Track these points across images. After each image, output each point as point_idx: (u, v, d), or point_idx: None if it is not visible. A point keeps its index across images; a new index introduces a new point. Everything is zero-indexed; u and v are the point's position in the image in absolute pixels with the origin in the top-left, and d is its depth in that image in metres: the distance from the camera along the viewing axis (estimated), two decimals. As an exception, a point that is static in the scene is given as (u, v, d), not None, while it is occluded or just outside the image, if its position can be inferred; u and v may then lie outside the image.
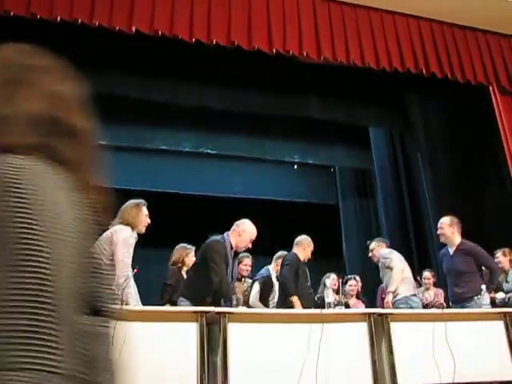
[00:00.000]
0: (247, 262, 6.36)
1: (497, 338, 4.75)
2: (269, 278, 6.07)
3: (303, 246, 5.67)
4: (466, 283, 5.36)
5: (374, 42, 7.16)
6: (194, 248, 5.72)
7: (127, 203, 4.59)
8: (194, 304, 4.44)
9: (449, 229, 5.55)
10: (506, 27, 7.85)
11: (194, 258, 5.66)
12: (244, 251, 5.62)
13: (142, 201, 4.62)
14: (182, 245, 5.76)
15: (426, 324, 4.59)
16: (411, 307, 5.34)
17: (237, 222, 5.06)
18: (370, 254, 5.95)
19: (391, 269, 5.50)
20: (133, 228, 4.44)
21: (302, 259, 5.62)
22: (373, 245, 5.94)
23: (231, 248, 4.90)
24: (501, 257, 6.06)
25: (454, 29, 7.71)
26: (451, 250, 5.55)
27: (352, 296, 6.65)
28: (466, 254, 5.39)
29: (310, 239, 5.75)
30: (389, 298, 5.38)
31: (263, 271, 6.23)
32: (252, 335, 4.12)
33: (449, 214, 6.04)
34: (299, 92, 7.94)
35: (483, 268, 5.87)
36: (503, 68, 7.71)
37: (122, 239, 4.31)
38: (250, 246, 5.04)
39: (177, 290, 5.24)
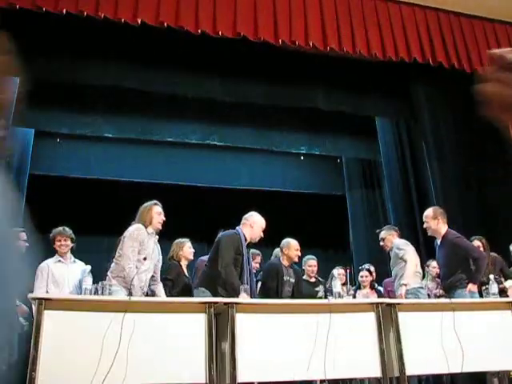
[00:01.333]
0: (258, 259, 6.45)
1: (505, 327, 4.74)
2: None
3: (283, 250, 5.71)
4: (451, 274, 5.35)
5: (380, 33, 7.14)
6: (188, 240, 5.80)
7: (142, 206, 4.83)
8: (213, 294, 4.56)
9: (433, 221, 5.49)
10: (513, 16, 7.81)
11: (192, 250, 5.79)
12: (254, 247, 5.69)
13: (153, 201, 4.85)
14: (176, 240, 5.82)
15: (434, 313, 4.58)
16: (418, 298, 5.34)
17: (245, 216, 5.12)
18: (382, 243, 5.87)
19: (405, 261, 5.46)
20: (145, 225, 4.64)
21: (284, 263, 5.65)
22: (383, 233, 5.86)
23: (245, 240, 4.96)
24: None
25: (460, 18, 7.67)
26: (439, 242, 5.53)
27: (365, 286, 6.64)
28: (450, 245, 5.36)
29: (289, 242, 5.75)
30: (402, 290, 5.35)
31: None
32: (260, 325, 4.14)
33: (455, 203, 6.02)
34: (305, 83, 7.92)
35: None
36: (511, 57, 7.66)
37: (129, 234, 4.55)
38: (262, 235, 5.10)
39: (177, 285, 5.30)
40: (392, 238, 5.74)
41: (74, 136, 8.67)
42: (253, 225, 5.04)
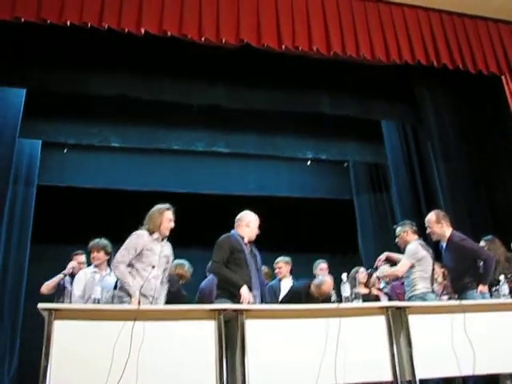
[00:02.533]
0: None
1: (516, 328, 4.72)
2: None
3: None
4: (456, 277, 5.32)
5: (383, 35, 7.15)
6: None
7: (154, 207, 4.80)
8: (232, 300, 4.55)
9: (437, 225, 5.46)
10: (517, 16, 7.80)
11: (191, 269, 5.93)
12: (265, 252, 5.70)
13: (166, 205, 4.78)
14: (176, 262, 5.86)
15: (445, 316, 4.56)
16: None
17: (238, 217, 5.11)
18: (397, 240, 5.82)
19: (413, 266, 5.41)
20: (151, 232, 4.61)
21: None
22: (398, 230, 5.79)
23: (242, 239, 4.96)
24: None
25: (464, 19, 7.67)
26: (444, 245, 5.49)
27: (377, 288, 6.63)
28: (456, 248, 5.32)
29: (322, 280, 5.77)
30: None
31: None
32: (270, 331, 4.13)
33: (462, 205, 6.00)
34: (310, 88, 7.93)
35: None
36: (515, 57, 7.66)
37: (127, 242, 4.54)
38: (258, 232, 5.08)
39: (178, 299, 5.30)
40: (405, 236, 5.65)
41: (81, 146, 8.71)
42: (249, 224, 5.03)
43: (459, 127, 8.12)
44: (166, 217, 4.67)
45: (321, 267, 6.62)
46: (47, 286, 5.46)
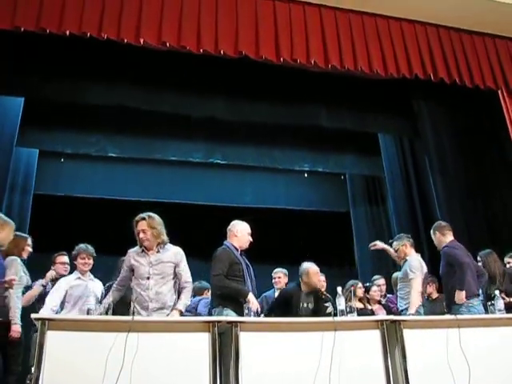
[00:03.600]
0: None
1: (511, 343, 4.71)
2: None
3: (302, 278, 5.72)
4: (448, 290, 5.34)
5: (381, 49, 7.18)
6: None
7: None
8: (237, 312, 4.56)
9: (434, 236, 5.58)
10: (513, 31, 7.85)
11: None
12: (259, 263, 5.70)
13: (138, 217, 4.75)
14: None
15: (440, 330, 4.55)
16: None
17: (229, 227, 5.13)
18: (396, 254, 5.82)
19: (411, 286, 5.41)
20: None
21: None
22: (395, 244, 5.80)
23: (237, 250, 4.97)
24: None
25: (461, 34, 7.72)
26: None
27: (375, 302, 6.62)
28: (443, 256, 5.37)
29: (308, 269, 5.75)
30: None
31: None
32: (264, 344, 4.11)
33: (459, 218, 6.03)
34: (308, 101, 7.96)
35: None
36: (512, 71, 7.70)
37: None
38: (250, 239, 5.09)
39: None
40: (405, 249, 5.68)
41: (78, 156, 8.71)
42: (237, 233, 5.05)
43: (456, 140, 8.15)
44: (135, 229, 4.65)
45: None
46: (25, 299, 5.25)
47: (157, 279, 4.51)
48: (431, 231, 5.68)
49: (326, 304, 6.20)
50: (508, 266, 6.22)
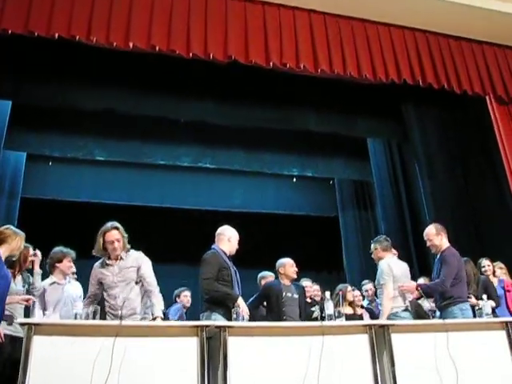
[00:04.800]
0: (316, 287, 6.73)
1: (499, 347, 4.72)
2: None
3: (279, 270, 5.82)
4: (440, 293, 5.33)
5: (370, 54, 7.21)
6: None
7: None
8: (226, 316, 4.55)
9: (437, 238, 5.50)
10: (500, 38, 7.92)
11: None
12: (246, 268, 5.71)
13: (108, 225, 4.73)
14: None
15: (428, 334, 4.56)
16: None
17: (218, 232, 5.10)
18: (372, 255, 5.80)
19: (383, 292, 5.36)
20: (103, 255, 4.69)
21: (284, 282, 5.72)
22: (372, 246, 5.77)
23: (225, 254, 4.95)
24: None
25: (449, 40, 7.77)
26: (437, 258, 5.54)
27: (358, 306, 6.62)
28: (442, 260, 5.37)
29: (283, 261, 5.86)
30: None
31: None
32: (253, 349, 4.09)
33: (448, 222, 6.06)
34: (297, 105, 7.96)
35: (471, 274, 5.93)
36: (499, 78, 7.76)
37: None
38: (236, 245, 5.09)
39: None
40: (377, 253, 5.62)
41: (66, 159, 8.67)
42: (230, 239, 5.04)
43: (444, 145, 8.19)
44: (107, 239, 4.62)
45: (304, 284, 6.61)
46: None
47: (122, 286, 4.50)
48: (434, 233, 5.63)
49: (313, 308, 6.23)
50: (484, 269, 6.29)
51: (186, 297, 7.03)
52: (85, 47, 6.39)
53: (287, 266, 5.80)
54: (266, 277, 6.40)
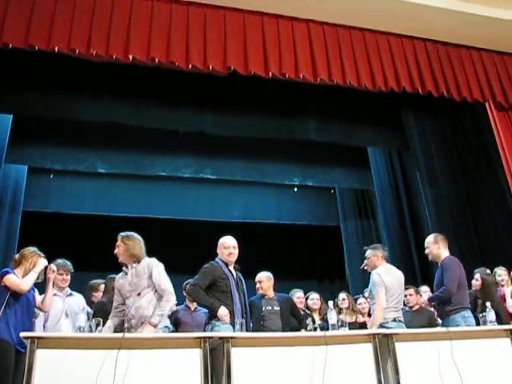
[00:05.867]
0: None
1: (503, 355, 4.70)
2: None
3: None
4: (441, 302, 5.31)
5: (369, 63, 7.22)
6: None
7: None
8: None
9: (434, 246, 5.51)
10: (499, 45, 7.93)
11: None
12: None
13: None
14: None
15: (432, 343, 4.54)
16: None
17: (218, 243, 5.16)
18: (366, 262, 5.74)
19: (376, 302, 5.32)
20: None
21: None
22: (367, 253, 5.70)
23: (226, 264, 4.98)
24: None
25: (448, 47, 7.79)
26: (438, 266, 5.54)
27: (364, 314, 6.58)
28: (443, 268, 5.37)
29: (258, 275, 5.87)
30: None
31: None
32: (256, 359, 4.08)
33: (449, 231, 6.05)
34: (297, 115, 7.99)
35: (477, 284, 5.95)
36: (498, 84, 7.77)
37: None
38: (234, 253, 5.03)
39: None
40: (375, 260, 5.58)
41: (67, 172, 8.68)
42: (218, 249, 5.08)
43: (445, 152, 8.21)
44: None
45: (297, 296, 6.55)
46: None
47: (133, 295, 4.47)
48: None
49: (307, 321, 6.21)
50: (499, 278, 6.26)
51: None
52: (85, 60, 6.42)
53: (264, 280, 5.79)
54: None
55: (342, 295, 6.65)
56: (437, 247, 5.48)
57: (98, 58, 6.36)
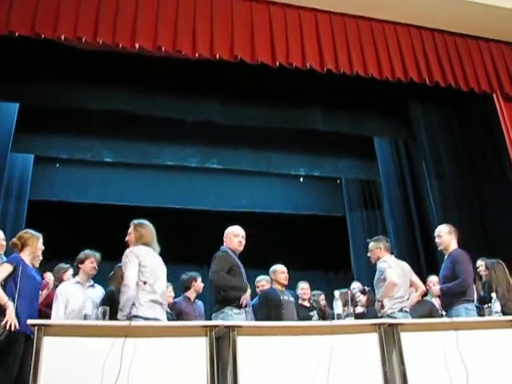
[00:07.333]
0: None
1: (509, 345, 4.70)
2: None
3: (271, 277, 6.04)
4: (446, 293, 5.32)
5: (376, 53, 7.18)
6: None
7: None
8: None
9: (448, 236, 5.53)
10: (507, 35, 7.87)
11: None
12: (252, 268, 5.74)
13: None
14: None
15: (437, 333, 4.54)
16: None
17: (225, 232, 5.18)
18: (369, 254, 5.75)
19: (385, 279, 5.32)
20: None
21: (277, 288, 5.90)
22: (371, 245, 5.70)
23: (234, 253, 5.03)
24: None
25: (456, 38, 7.73)
26: (445, 258, 5.54)
27: (363, 306, 6.59)
28: (451, 260, 5.37)
29: (275, 268, 6.03)
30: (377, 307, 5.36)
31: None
32: (262, 348, 4.09)
33: (455, 222, 6.04)
34: (304, 104, 7.96)
35: (483, 275, 5.92)
36: (506, 75, 7.72)
37: None
38: (242, 241, 5.09)
39: None
40: (378, 252, 5.59)
41: (73, 161, 8.69)
42: (226, 238, 5.11)
43: (452, 143, 8.17)
44: None
45: (301, 287, 6.61)
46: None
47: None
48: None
49: (311, 313, 6.24)
50: (479, 269, 6.21)
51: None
52: (92, 48, 6.42)
53: (278, 272, 5.89)
54: (260, 280, 6.43)
55: (357, 290, 6.65)
56: (450, 237, 5.51)
57: (104, 47, 6.34)
